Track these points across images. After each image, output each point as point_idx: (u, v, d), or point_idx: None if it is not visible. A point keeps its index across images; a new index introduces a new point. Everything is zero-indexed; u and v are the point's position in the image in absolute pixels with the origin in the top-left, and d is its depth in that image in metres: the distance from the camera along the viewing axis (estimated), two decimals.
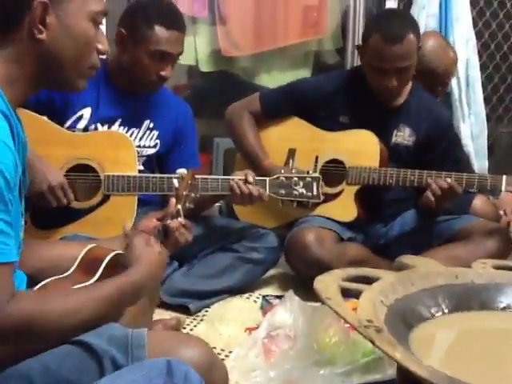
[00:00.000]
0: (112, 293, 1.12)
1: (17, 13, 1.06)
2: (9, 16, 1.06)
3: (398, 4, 3.31)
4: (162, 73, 2.00)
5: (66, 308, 1.05)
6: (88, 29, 1.12)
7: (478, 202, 2.58)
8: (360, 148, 2.30)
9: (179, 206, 1.57)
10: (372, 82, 2.28)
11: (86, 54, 1.13)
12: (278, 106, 2.41)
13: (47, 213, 1.92)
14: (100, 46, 1.15)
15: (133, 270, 1.19)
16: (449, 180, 2.14)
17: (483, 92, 3.35)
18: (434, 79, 2.59)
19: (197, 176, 1.82)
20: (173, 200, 1.60)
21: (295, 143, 2.39)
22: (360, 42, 2.32)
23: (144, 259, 1.22)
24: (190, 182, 1.64)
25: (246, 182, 2.00)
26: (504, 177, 2.12)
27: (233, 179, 2.00)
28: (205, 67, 3.12)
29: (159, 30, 1.97)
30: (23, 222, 1.15)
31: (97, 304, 1.09)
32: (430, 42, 2.68)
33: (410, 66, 2.22)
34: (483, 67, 3.47)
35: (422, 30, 3.11)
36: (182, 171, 1.79)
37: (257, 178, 2.03)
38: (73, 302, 1.07)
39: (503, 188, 2.13)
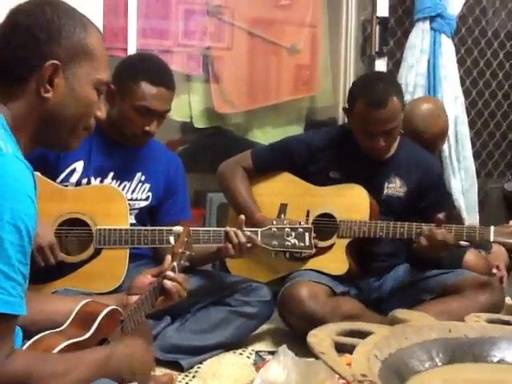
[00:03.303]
0: (101, 360, 1.15)
1: (27, 71, 1.11)
2: (19, 72, 1.11)
3: (388, 63, 3.41)
4: (147, 128, 2.02)
5: (57, 370, 1.08)
6: (91, 95, 1.17)
7: (471, 256, 2.58)
8: (350, 202, 2.32)
9: (175, 263, 1.58)
10: (360, 143, 2.32)
11: (85, 117, 1.18)
12: (269, 163, 2.46)
13: (38, 267, 1.90)
14: (98, 113, 1.21)
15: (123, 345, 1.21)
16: (442, 230, 2.15)
17: (472, 148, 3.42)
18: (419, 142, 2.59)
19: (189, 227, 1.82)
20: (168, 257, 1.61)
21: (286, 198, 2.41)
22: (346, 105, 2.38)
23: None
24: (186, 239, 1.66)
25: (238, 230, 1.99)
26: (492, 228, 2.14)
27: (225, 229, 2.01)
28: (198, 123, 3.18)
29: (145, 86, 2.00)
30: None
31: (86, 369, 1.11)
32: (423, 107, 2.74)
33: (396, 126, 2.27)
34: (472, 124, 3.55)
35: (410, 89, 3.22)
36: (178, 229, 1.81)
37: (249, 229, 2.03)
38: (64, 364, 1.10)
39: (491, 239, 2.14)
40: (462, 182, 3.31)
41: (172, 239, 1.93)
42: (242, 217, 2.03)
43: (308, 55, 3.36)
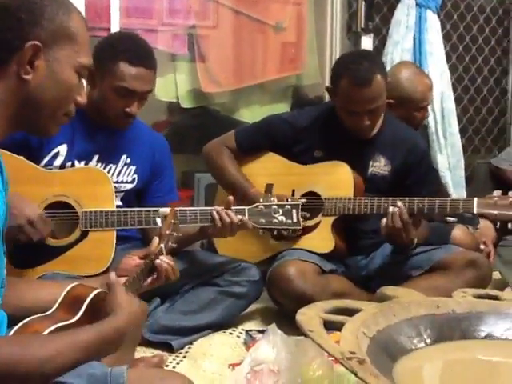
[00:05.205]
0: (91, 339, 1.11)
1: (8, 52, 1.09)
2: (1, 54, 1.09)
3: (374, 39, 3.39)
4: (127, 109, 1.99)
5: (44, 355, 1.05)
6: (72, 78, 1.15)
7: (458, 232, 2.60)
8: (334, 179, 2.32)
9: (162, 245, 1.58)
10: (345, 122, 2.31)
11: (65, 101, 1.16)
12: (253, 143, 2.45)
13: (25, 251, 1.89)
14: (79, 98, 1.19)
15: (113, 318, 1.19)
16: (399, 204, 2.13)
17: (459, 124, 3.42)
18: (411, 106, 2.68)
19: (176, 208, 1.81)
20: (156, 239, 1.61)
21: (271, 178, 2.39)
22: (329, 84, 2.36)
23: (125, 308, 1.22)
24: (172, 221, 1.65)
25: (225, 209, 1.99)
26: (475, 199, 2.10)
27: (213, 208, 2.00)
28: (185, 103, 3.15)
29: (124, 66, 1.96)
30: (5, 261, 1.14)
31: (75, 351, 1.08)
32: (404, 70, 2.78)
33: (381, 105, 2.26)
34: (458, 99, 3.55)
35: None
36: (165, 210, 1.80)
37: (235, 207, 2.02)
38: (51, 348, 1.06)
39: (475, 210, 2.10)
40: (449, 159, 3.32)
41: (159, 221, 1.92)
42: (231, 198, 2.02)
43: (294, 33, 3.33)
